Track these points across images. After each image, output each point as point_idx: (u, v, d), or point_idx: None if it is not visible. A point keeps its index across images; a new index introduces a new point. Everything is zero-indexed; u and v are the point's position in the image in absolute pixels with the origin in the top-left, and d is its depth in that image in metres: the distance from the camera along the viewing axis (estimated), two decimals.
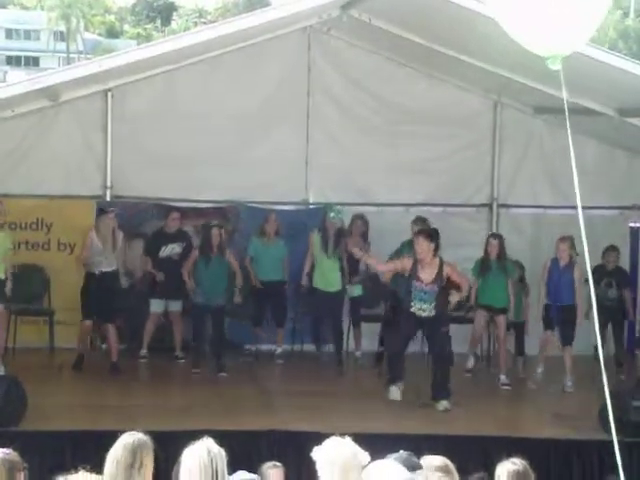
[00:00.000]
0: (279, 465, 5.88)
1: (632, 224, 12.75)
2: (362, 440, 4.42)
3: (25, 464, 4.56)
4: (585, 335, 11.97)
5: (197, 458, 4.31)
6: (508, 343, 11.61)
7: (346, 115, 12.56)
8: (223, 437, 4.62)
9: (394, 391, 9.90)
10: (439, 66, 12.09)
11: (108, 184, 12.19)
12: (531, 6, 4.42)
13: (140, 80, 11.98)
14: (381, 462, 4.28)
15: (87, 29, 77.44)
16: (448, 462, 4.72)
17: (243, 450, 8.01)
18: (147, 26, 76.38)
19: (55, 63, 66.45)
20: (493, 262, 11.10)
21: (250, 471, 5.47)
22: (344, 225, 11.70)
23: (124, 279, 11.74)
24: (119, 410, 9.30)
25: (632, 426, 8.97)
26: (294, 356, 12.02)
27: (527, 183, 12.94)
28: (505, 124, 12.88)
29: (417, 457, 4.67)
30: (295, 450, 7.90)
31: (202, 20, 69.10)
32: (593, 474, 8.60)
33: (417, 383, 10.07)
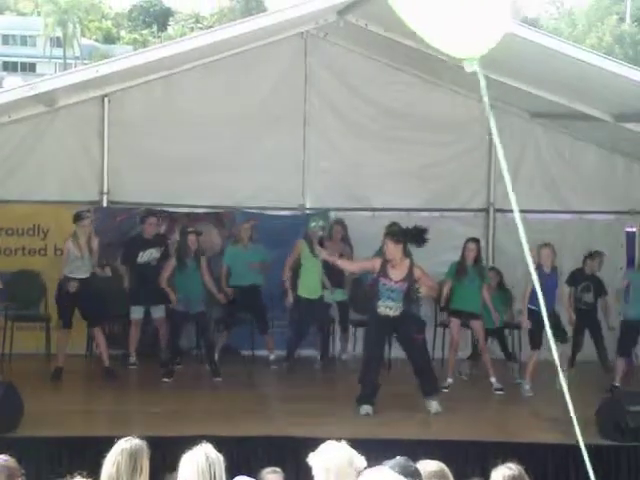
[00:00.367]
0: (278, 470, 5.87)
1: (628, 229, 12.75)
2: (359, 445, 4.41)
3: (22, 470, 4.56)
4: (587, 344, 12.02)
5: (195, 463, 4.31)
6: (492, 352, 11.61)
7: (343, 120, 12.57)
8: (221, 443, 4.61)
9: (365, 409, 9.77)
10: (435, 71, 12.08)
11: (105, 190, 12.20)
12: (441, 9, 4.43)
13: (137, 86, 11.99)
14: (377, 469, 4.27)
15: (84, 35, 77.39)
16: (444, 467, 4.71)
17: (241, 456, 8.01)
18: (144, 32, 76.39)
19: (52, 69, 66.44)
20: (469, 267, 11.01)
21: (249, 477, 5.46)
22: (325, 234, 11.58)
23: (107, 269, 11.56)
24: (115, 416, 9.29)
25: (630, 431, 8.99)
26: (289, 362, 11.94)
27: (524, 188, 12.92)
28: (501, 129, 12.83)
29: (413, 462, 4.66)
30: (293, 455, 7.89)
31: (198, 25, 69.10)
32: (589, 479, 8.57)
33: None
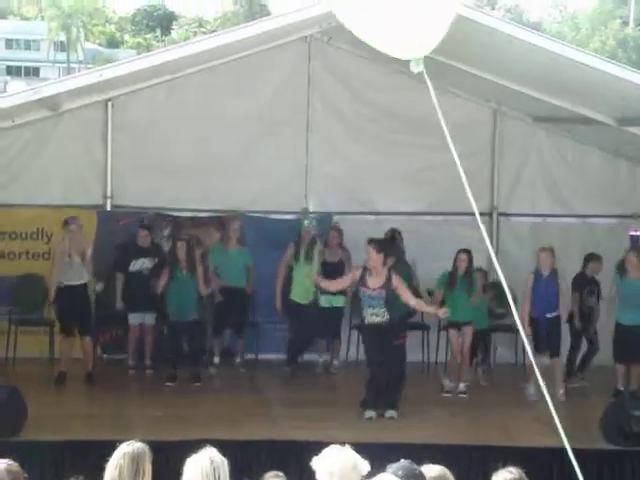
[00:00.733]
0: (281, 475, 5.84)
1: (632, 232, 12.73)
2: (362, 449, 4.41)
3: (25, 474, 4.56)
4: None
5: (199, 467, 4.30)
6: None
7: (346, 124, 12.56)
8: (224, 446, 4.61)
9: (369, 413, 9.89)
10: (439, 75, 12.07)
11: (108, 194, 12.21)
12: (381, 13, 4.45)
13: (140, 90, 11.98)
14: (382, 476, 4.28)
15: (87, 39, 77.55)
16: (447, 471, 4.70)
17: (244, 460, 8.01)
18: (147, 36, 76.48)
19: (55, 73, 66.54)
20: (460, 277, 11.08)
21: None
22: (318, 233, 11.69)
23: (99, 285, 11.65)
24: (118, 420, 9.29)
25: (634, 436, 8.99)
26: (292, 367, 11.90)
27: (527, 192, 12.94)
28: (504, 133, 12.88)
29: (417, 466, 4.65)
30: (296, 459, 7.89)
31: (202, 30, 69.16)
32: None
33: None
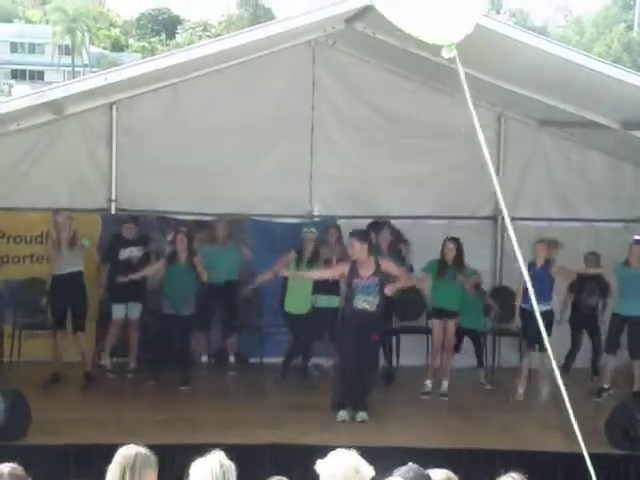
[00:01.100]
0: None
1: (637, 236, 12.70)
2: (367, 453, 4.40)
3: (30, 478, 4.55)
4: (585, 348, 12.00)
5: (209, 469, 4.30)
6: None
7: (350, 128, 12.56)
8: (228, 450, 4.60)
9: (342, 415, 9.87)
10: (443, 79, 12.07)
11: (113, 197, 12.22)
12: (418, 1, 4.55)
13: (145, 93, 12.00)
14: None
15: (92, 43, 77.69)
16: (453, 476, 4.69)
17: (248, 464, 7.99)
18: (152, 39, 76.69)
19: (60, 77, 66.67)
20: (449, 266, 11.04)
21: None
22: (320, 240, 11.69)
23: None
24: (123, 424, 9.28)
25: (639, 440, 8.96)
26: (292, 369, 11.87)
27: (532, 196, 12.92)
28: (509, 137, 12.87)
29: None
30: (301, 464, 7.87)
31: (207, 34, 69.31)
32: None
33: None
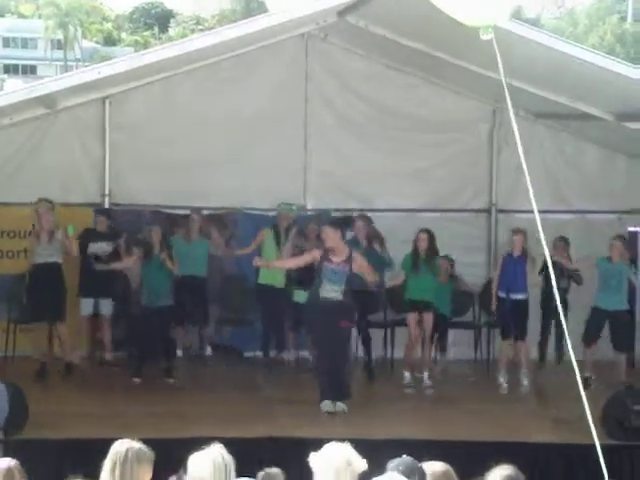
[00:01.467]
0: (279, 472, 5.84)
1: (631, 228, 12.72)
2: (361, 446, 4.40)
3: (26, 474, 4.56)
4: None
5: (212, 461, 4.32)
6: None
7: (344, 121, 12.56)
8: (223, 444, 4.60)
9: (325, 405, 9.76)
10: (437, 72, 12.08)
11: (106, 191, 12.20)
12: None
13: (138, 87, 11.99)
14: (389, 475, 4.29)
15: (85, 37, 77.52)
16: (449, 468, 4.70)
17: (243, 457, 7.99)
18: (145, 33, 76.48)
19: (52, 71, 66.48)
20: (422, 258, 10.99)
21: (251, 478, 5.45)
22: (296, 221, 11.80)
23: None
24: (120, 418, 9.27)
25: (633, 430, 8.98)
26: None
27: (526, 188, 12.90)
28: (503, 130, 12.86)
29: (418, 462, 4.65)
30: (296, 457, 7.87)
31: (199, 27, 69.14)
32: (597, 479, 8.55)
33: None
